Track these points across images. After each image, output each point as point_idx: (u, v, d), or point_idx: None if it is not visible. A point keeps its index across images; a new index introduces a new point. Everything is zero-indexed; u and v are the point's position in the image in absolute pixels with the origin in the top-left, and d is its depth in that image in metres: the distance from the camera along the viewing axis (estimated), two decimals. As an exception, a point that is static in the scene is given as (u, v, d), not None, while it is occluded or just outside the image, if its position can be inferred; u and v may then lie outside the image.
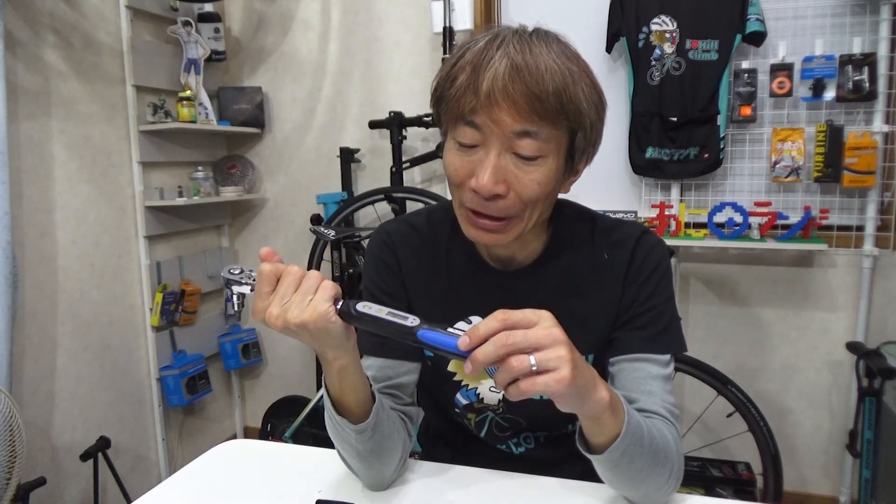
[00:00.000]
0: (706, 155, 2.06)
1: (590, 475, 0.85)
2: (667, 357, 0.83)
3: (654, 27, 2.05)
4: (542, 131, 0.70)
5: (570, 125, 0.72)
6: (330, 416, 0.75)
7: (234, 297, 0.69)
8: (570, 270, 0.87)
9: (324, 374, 0.74)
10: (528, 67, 0.68)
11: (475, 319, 0.88)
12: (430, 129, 2.34)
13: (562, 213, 0.89)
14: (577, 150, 0.76)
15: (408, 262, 0.91)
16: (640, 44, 2.07)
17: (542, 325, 0.59)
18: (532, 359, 0.57)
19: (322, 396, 0.78)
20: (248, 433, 2.84)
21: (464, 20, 2.19)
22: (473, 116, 0.71)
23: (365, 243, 2.30)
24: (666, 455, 0.74)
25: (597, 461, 0.71)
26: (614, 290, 0.85)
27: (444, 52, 2.21)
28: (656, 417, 0.78)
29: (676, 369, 1.97)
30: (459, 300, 0.89)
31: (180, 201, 2.26)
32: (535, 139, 0.71)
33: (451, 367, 0.91)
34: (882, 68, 1.90)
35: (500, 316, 0.59)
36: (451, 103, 0.73)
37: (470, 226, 0.78)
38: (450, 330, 0.61)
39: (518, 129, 0.70)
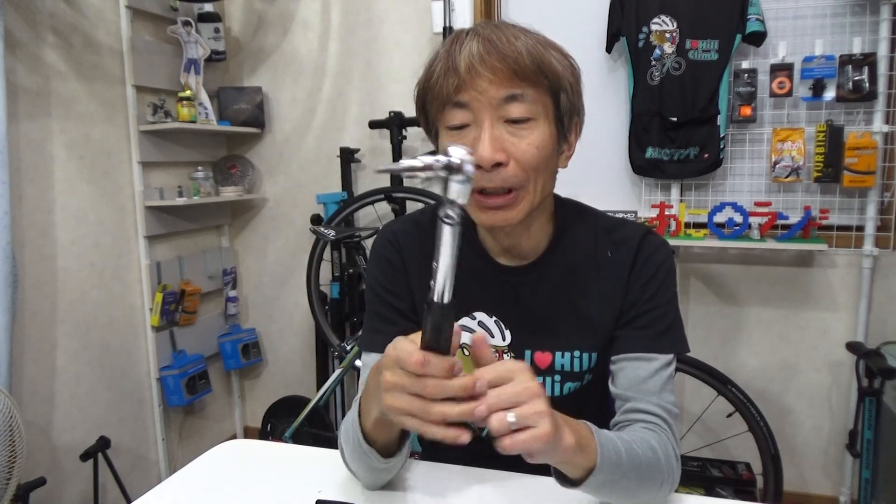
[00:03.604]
0: (706, 155, 2.06)
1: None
2: (669, 357, 0.83)
3: (654, 27, 2.05)
4: (526, 93, 0.73)
5: (551, 86, 0.75)
6: (357, 441, 0.75)
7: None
8: (574, 268, 0.87)
9: (361, 409, 0.74)
10: (499, 39, 0.72)
11: (479, 315, 0.88)
12: (430, 129, 2.34)
13: (564, 210, 0.90)
14: (564, 115, 0.78)
15: (413, 260, 0.91)
16: (640, 44, 2.07)
17: (518, 379, 0.58)
18: (511, 415, 0.56)
19: (322, 397, 0.78)
20: (248, 433, 2.84)
21: (464, 20, 2.18)
22: (459, 95, 0.74)
23: (365, 243, 2.30)
24: (652, 469, 0.74)
25: (579, 490, 0.70)
26: (618, 288, 0.85)
27: (444, 52, 2.21)
28: (650, 418, 0.78)
29: (677, 369, 1.97)
30: (464, 297, 0.89)
31: (180, 201, 2.26)
32: (522, 101, 0.73)
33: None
34: (882, 68, 1.90)
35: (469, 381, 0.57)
36: (434, 92, 0.76)
37: (480, 211, 0.78)
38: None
39: (504, 94, 0.73)
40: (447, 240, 0.55)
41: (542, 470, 0.87)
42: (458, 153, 0.54)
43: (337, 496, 0.82)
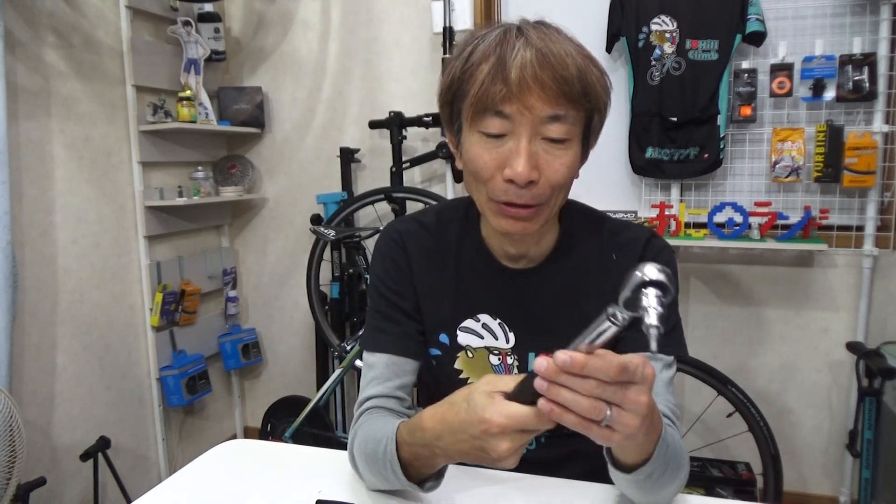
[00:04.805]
0: (706, 155, 2.06)
1: (591, 475, 0.85)
2: (670, 358, 0.83)
3: (654, 27, 2.05)
4: (569, 115, 0.73)
5: (590, 107, 0.75)
6: (396, 476, 0.75)
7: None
8: (579, 270, 0.87)
9: (412, 457, 0.73)
10: (553, 54, 0.70)
11: (483, 317, 0.88)
12: (430, 129, 2.34)
13: (570, 212, 0.90)
14: (591, 134, 0.78)
15: (417, 260, 0.91)
16: (640, 44, 2.07)
17: (641, 385, 0.56)
18: (608, 413, 0.55)
19: (322, 397, 0.78)
20: (248, 433, 2.84)
21: (464, 20, 2.19)
22: (503, 105, 0.72)
23: (365, 243, 2.30)
24: (681, 465, 0.74)
25: (622, 479, 0.70)
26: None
27: (444, 52, 2.21)
28: (663, 420, 0.78)
29: (677, 369, 1.96)
30: (469, 298, 0.89)
31: (180, 201, 2.26)
32: (563, 123, 0.72)
33: (458, 365, 0.91)
34: (882, 68, 1.90)
35: (614, 368, 0.54)
36: (475, 95, 0.73)
37: (501, 217, 0.78)
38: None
39: (549, 113, 0.71)
40: (605, 336, 0.54)
41: (544, 470, 0.87)
42: (651, 273, 0.53)
43: (337, 496, 0.82)
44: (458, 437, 0.65)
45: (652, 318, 0.50)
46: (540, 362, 0.55)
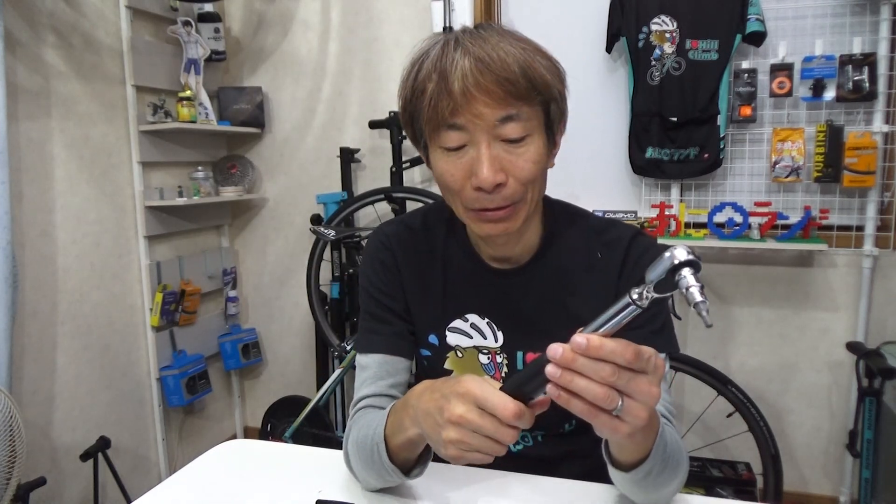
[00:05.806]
0: (706, 155, 2.06)
1: (588, 475, 0.86)
2: (663, 356, 0.83)
3: (654, 27, 2.05)
4: (521, 112, 0.73)
5: (543, 99, 0.75)
6: (380, 456, 0.75)
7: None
8: (565, 269, 0.87)
9: (390, 426, 0.74)
10: (490, 57, 0.71)
11: (472, 317, 0.89)
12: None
13: (554, 212, 0.90)
14: (553, 122, 0.78)
15: (405, 262, 0.91)
16: (640, 44, 2.07)
17: (653, 376, 0.56)
18: (620, 403, 0.54)
19: (322, 397, 0.77)
20: (248, 433, 2.84)
21: (464, 20, 2.18)
22: (454, 118, 0.72)
23: (365, 243, 2.30)
24: (680, 463, 0.74)
25: (621, 478, 0.70)
26: (608, 289, 0.85)
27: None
28: (661, 418, 0.79)
29: (677, 369, 1.97)
30: (456, 298, 0.90)
31: (180, 201, 2.26)
32: (517, 121, 0.73)
33: (447, 365, 0.91)
34: (882, 68, 1.90)
35: (630, 352, 0.53)
36: (427, 114, 0.74)
37: (480, 223, 0.79)
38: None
39: (500, 115, 0.72)
40: (624, 320, 0.54)
41: (541, 469, 0.87)
42: (682, 255, 0.51)
43: (337, 496, 0.82)
44: (433, 395, 0.66)
45: (696, 295, 0.49)
46: (554, 348, 0.54)
